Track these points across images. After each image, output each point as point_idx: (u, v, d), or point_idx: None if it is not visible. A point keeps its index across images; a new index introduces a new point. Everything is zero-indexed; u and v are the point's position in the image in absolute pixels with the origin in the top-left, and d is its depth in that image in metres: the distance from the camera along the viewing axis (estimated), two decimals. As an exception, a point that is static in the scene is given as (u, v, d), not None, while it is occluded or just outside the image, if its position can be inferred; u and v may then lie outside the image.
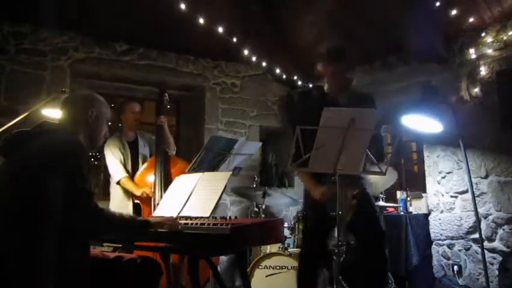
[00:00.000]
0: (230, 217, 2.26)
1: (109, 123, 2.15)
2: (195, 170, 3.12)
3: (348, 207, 2.29)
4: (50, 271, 1.59)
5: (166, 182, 3.26)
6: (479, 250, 3.56)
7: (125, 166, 3.53)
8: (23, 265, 1.57)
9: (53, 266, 1.60)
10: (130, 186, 3.43)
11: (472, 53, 3.79)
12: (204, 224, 1.97)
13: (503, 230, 3.55)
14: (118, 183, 3.48)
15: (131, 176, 3.52)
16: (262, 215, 3.97)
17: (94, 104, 1.99)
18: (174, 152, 3.70)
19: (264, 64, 4.93)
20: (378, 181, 3.60)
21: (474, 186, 3.62)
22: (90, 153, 1.97)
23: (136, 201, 3.40)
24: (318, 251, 2.69)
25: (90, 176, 1.88)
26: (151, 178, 3.41)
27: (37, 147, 1.75)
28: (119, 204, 3.45)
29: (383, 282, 2.50)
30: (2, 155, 1.84)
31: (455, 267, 3.86)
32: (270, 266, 3.56)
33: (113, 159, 3.51)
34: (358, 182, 2.56)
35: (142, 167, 3.53)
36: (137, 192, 3.36)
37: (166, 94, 3.68)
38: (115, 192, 3.54)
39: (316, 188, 2.54)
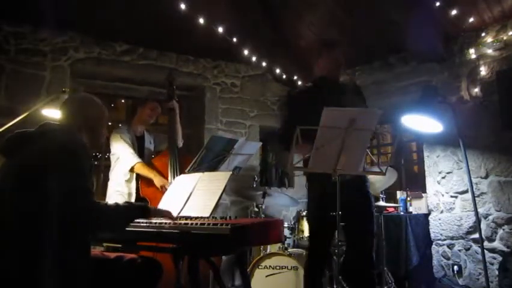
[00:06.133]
0: (230, 217, 2.25)
1: (109, 124, 2.16)
2: (195, 170, 3.10)
3: None
4: (51, 271, 1.59)
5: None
6: (479, 250, 3.56)
7: None
8: (24, 265, 1.57)
9: (54, 266, 1.60)
10: (147, 172, 3.32)
11: (472, 53, 3.79)
12: (204, 224, 1.97)
13: (503, 230, 3.55)
14: (132, 170, 3.37)
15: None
16: (262, 215, 3.97)
17: (92, 105, 2.01)
18: (181, 145, 3.68)
19: (264, 64, 4.93)
20: (377, 181, 3.60)
21: (474, 186, 3.63)
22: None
23: (143, 196, 3.28)
24: (320, 252, 2.70)
25: (91, 175, 1.86)
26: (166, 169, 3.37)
27: (38, 147, 1.75)
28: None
29: (369, 282, 2.51)
30: (4, 155, 1.83)
31: (455, 267, 3.86)
32: (270, 266, 3.56)
33: (126, 146, 3.41)
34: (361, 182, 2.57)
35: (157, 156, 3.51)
36: (158, 181, 3.26)
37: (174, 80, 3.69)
38: (114, 188, 3.42)
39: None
